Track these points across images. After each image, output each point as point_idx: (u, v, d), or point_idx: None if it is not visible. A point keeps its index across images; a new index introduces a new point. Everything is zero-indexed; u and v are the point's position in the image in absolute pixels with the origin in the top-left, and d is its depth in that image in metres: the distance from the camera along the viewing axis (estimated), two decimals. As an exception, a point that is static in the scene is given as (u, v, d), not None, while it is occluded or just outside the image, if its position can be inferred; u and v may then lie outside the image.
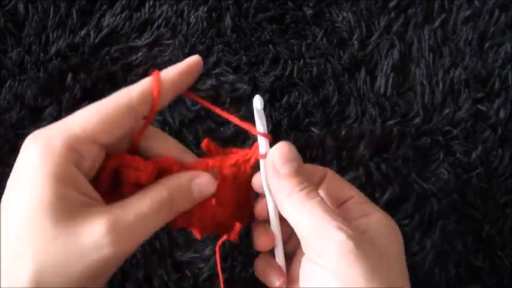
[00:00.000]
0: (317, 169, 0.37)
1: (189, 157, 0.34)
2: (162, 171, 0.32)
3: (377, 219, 0.33)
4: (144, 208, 0.29)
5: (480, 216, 0.45)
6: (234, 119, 0.34)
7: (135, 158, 0.31)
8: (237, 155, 0.35)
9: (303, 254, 0.32)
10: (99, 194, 0.30)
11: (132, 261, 0.43)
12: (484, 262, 0.45)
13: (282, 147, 0.33)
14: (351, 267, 0.28)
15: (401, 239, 0.33)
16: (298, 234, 0.32)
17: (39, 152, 0.28)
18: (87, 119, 0.29)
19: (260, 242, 0.35)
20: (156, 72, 0.31)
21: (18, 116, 0.44)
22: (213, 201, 0.33)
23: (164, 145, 0.34)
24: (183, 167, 0.33)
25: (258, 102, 0.33)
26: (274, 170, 0.32)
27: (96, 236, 0.27)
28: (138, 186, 0.31)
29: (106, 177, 0.30)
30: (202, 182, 0.33)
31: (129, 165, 0.30)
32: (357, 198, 0.35)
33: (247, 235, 0.44)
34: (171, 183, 0.31)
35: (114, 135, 0.30)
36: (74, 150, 0.28)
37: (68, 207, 0.27)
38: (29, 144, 0.28)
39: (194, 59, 0.33)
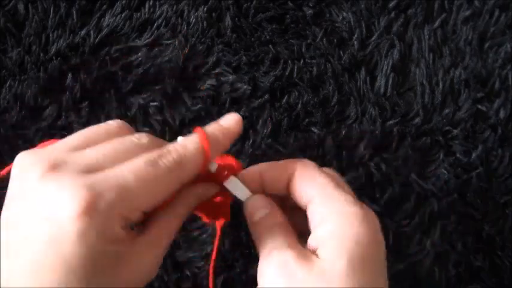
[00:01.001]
0: (284, 168, 0.34)
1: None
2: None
3: (328, 230, 0.30)
4: (174, 229, 0.32)
5: (480, 216, 0.45)
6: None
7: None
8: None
9: None
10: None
11: (132, 261, 0.43)
12: (484, 262, 0.45)
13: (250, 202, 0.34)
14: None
15: (363, 246, 0.29)
16: None
17: (94, 234, 0.25)
18: (145, 188, 0.28)
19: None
20: (201, 132, 0.31)
21: (18, 116, 0.44)
22: None
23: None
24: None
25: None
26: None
27: (147, 268, 0.29)
28: None
29: None
30: (210, 193, 0.35)
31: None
32: (315, 200, 0.32)
33: (247, 235, 0.44)
34: (191, 200, 0.34)
35: (158, 203, 0.30)
36: (126, 221, 0.28)
37: (118, 255, 0.28)
38: (80, 208, 0.25)
39: (237, 120, 0.33)
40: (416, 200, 0.45)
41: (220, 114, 0.46)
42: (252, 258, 0.44)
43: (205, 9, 0.47)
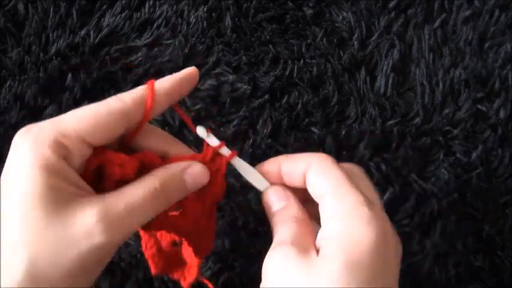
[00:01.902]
0: (301, 161, 0.34)
1: (183, 150, 0.34)
2: (146, 165, 0.32)
3: (333, 229, 0.30)
4: (136, 197, 0.29)
5: (480, 216, 0.45)
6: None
7: (118, 154, 0.31)
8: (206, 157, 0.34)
9: None
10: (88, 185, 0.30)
11: (132, 261, 0.43)
12: (484, 262, 0.45)
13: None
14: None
15: (365, 245, 0.29)
16: None
17: (29, 145, 0.28)
18: (78, 119, 0.29)
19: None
20: (151, 81, 0.32)
21: (18, 116, 0.44)
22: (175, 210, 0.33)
23: (157, 141, 0.34)
24: (167, 161, 0.33)
25: (201, 131, 0.33)
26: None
27: (87, 225, 0.27)
28: (123, 182, 0.31)
29: (89, 173, 0.31)
30: (195, 172, 0.33)
31: (112, 161, 0.30)
32: (328, 196, 0.32)
33: (247, 235, 0.44)
34: (164, 173, 0.32)
35: (104, 137, 0.30)
36: (63, 146, 0.29)
37: (58, 197, 0.28)
38: (19, 139, 0.29)
39: (191, 70, 0.33)
40: (416, 200, 0.45)
41: (220, 114, 0.46)
42: (252, 258, 0.44)
43: (205, 9, 0.47)
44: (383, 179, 0.45)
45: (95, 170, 0.31)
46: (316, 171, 0.33)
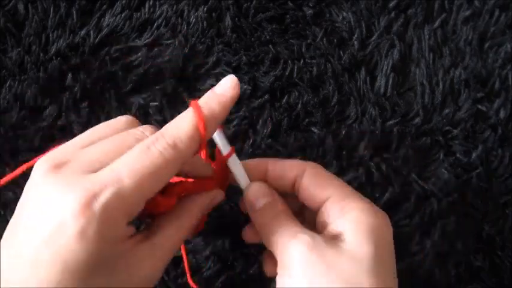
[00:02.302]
0: (293, 166, 0.35)
1: (200, 167, 0.35)
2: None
3: (353, 219, 0.31)
4: (181, 239, 0.32)
5: (480, 216, 0.45)
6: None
7: (164, 198, 0.31)
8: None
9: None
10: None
11: (132, 261, 0.43)
12: (484, 262, 0.45)
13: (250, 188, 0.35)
14: (306, 272, 0.29)
15: (384, 237, 0.31)
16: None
17: (97, 228, 0.25)
18: (141, 181, 0.27)
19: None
20: (195, 105, 0.29)
21: (18, 116, 0.44)
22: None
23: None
24: (199, 187, 0.34)
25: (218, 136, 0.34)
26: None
27: (147, 274, 0.29)
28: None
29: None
30: (217, 201, 0.35)
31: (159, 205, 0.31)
32: (335, 197, 0.33)
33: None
34: (198, 210, 0.33)
35: (161, 187, 0.29)
36: (129, 217, 0.27)
37: (119, 260, 0.28)
38: (75, 206, 0.25)
39: (233, 81, 0.31)
40: (416, 200, 0.45)
41: (220, 114, 0.46)
42: (252, 258, 0.44)
43: (205, 9, 0.47)
44: (383, 179, 0.45)
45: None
46: (315, 178, 0.34)
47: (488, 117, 0.47)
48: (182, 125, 0.29)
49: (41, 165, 0.28)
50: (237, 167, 0.35)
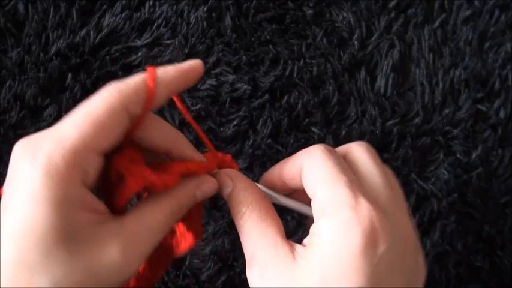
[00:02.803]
0: (294, 167, 0.32)
1: (187, 149, 0.33)
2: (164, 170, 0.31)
3: (327, 225, 0.28)
4: (156, 222, 0.28)
5: (480, 216, 0.45)
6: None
7: (160, 174, 0.29)
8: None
9: None
10: (103, 202, 0.28)
11: (132, 261, 0.43)
12: (484, 262, 0.45)
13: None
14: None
15: (355, 244, 0.27)
16: None
17: (41, 175, 0.25)
18: (82, 128, 0.27)
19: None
20: (152, 68, 0.29)
21: (18, 116, 0.44)
22: None
23: (160, 136, 0.32)
24: (196, 170, 0.32)
25: None
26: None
27: (113, 262, 0.26)
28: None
29: (110, 185, 0.29)
30: (207, 189, 0.32)
31: (157, 183, 0.29)
32: (314, 199, 0.30)
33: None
34: (180, 194, 0.30)
35: (111, 139, 0.28)
36: (78, 168, 0.26)
37: (79, 231, 0.26)
38: (26, 162, 0.26)
39: (196, 62, 0.31)
40: (416, 200, 0.45)
41: (220, 114, 0.46)
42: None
43: (205, 9, 0.47)
44: (383, 179, 0.45)
45: (114, 181, 0.29)
46: (306, 168, 0.31)
47: (488, 117, 0.47)
48: (130, 78, 0.29)
49: (20, 143, 0.28)
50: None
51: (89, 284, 0.25)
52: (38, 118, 0.45)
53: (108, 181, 0.30)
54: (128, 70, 0.46)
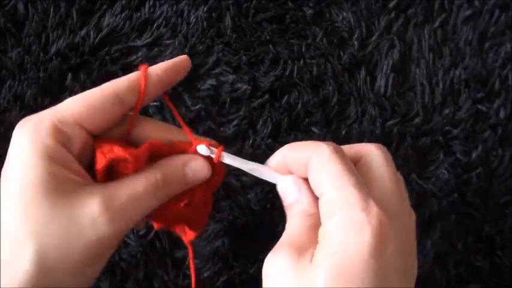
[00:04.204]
0: (302, 156, 0.32)
1: (183, 137, 0.34)
2: (155, 155, 0.32)
3: (337, 225, 0.28)
4: (138, 189, 0.30)
5: (480, 216, 0.45)
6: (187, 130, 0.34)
7: (128, 149, 0.31)
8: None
9: None
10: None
11: (132, 261, 0.43)
12: (484, 262, 0.45)
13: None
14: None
15: (365, 244, 0.27)
16: None
17: (28, 134, 0.29)
18: (74, 104, 0.30)
19: None
20: (144, 66, 0.32)
21: (18, 116, 0.44)
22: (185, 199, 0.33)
23: (156, 130, 0.33)
24: (174, 149, 0.33)
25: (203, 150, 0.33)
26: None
27: (93, 214, 0.28)
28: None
29: (100, 170, 0.30)
30: (196, 167, 0.33)
31: (124, 157, 0.30)
32: (323, 198, 0.30)
33: (247, 235, 0.44)
34: (166, 166, 0.32)
35: (101, 122, 0.30)
36: (61, 132, 0.29)
37: (61, 186, 0.28)
38: (19, 129, 0.29)
39: (182, 58, 0.34)
40: (416, 200, 0.45)
41: (220, 114, 0.46)
42: (252, 258, 0.44)
43: (205, 9, 0.47)
44: (383, 179, 0.45)
45: (105, 169, 0.30)
46: (314, 166, 0.31)
47: (488, 117, 0.47)
48: (127, 76, 0.32)
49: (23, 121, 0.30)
50: (236, 161, 0.34)
51: (69, 236, 0.27)
52: (38, 118, 0.45)
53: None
54: (128, 70, 0.46)
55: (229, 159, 0.34)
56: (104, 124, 0.31)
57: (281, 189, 0.33)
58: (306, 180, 0.32)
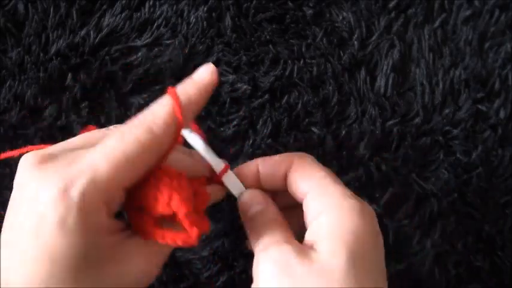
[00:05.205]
0: (281, 162, 0.34)
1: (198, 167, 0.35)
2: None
3: (328, 223, 0.29)
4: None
5: (480, 216, 0.45)
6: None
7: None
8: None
9: None
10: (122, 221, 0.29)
11: (132, 261, 0.43)
12: (484, 262, 0.45)
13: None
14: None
15: (365, 241, 0.28)
16: None
17: (74, 211, 0.25)
18: (117, 168, 0.26)
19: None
20: (173, 92, 0.29)
21: (18, 116, 0.44)
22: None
23: (178, 160, 0.33)
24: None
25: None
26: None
27: (140, 268, 0.29)
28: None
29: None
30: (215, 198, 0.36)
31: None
32: (312, 193, 0.31)
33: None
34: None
35: (139, 175, 0.28)
36: (107, 206, 0.27)
37: (107, 252, 0.27)
38: (54, 191, 0.25)
39: (210, 69, 0.31)
40: (416, 200, 0.45)
41: (220, 114, 0.46)
42: (252, 258, 0.44)
43: (205, 9, 0.47)
44: (383, 179, 0.45)
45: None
46: (298, 170, 0.32)
47: (488, 117, 0.47)
48: (158, 111, 0.28)
49: (27, 158, 0.28)
50: (231, 182, 0.35)
51: None
52: (38, 118, 0.45)
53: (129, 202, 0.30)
54: (128, 70, 0.46)
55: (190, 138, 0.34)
56: (140, 176, 0.28)
57: (246, 200, 0.34)
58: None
